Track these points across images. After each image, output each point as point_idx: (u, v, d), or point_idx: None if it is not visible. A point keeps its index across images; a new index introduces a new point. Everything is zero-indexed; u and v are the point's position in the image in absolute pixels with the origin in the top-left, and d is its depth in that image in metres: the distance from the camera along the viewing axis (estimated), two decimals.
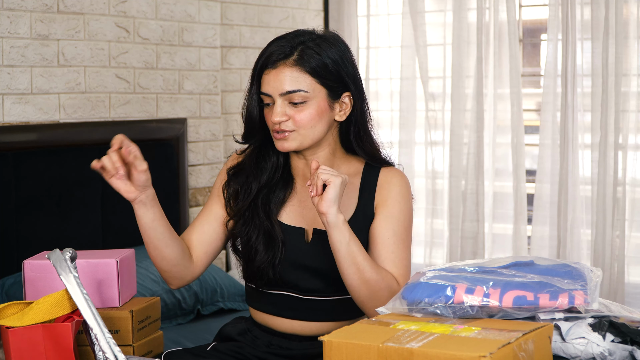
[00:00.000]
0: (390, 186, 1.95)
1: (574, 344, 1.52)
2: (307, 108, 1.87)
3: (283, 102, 1.86)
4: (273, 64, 1.87)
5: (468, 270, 1.62)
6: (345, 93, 1.92)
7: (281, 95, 1.86)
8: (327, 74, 1.88)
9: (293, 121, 1.87)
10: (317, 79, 1.87)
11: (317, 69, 1.87)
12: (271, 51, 1.88)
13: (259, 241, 1.92)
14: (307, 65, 1.86)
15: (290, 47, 1.87)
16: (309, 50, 1.87)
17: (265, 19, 3.95)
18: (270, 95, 1.88)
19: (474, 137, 3.81)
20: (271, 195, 1.96)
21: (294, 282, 1.93)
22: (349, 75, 1.91)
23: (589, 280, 1.56)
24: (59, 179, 3.05)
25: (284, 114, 1.86)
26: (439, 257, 4.04)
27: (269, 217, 1.93)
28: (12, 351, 1.52)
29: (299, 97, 1.86)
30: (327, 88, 1.89)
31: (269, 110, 1.90)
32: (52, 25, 3.08)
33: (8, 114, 2.97)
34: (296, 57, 1.86)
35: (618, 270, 3.53)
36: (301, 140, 1.89)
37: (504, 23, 3.75)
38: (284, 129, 1.87)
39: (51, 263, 1.56)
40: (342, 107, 1.92)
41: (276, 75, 1.86)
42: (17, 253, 2.88)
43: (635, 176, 3.55)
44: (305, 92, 1.86)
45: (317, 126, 1.89)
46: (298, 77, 1.86)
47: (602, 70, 3.52)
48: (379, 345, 1.35)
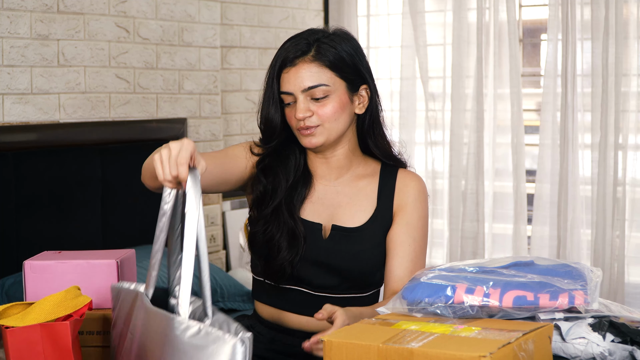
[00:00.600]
0: (409, 190, 1.98)
1: (574, 344, 1.52)
2: (329, 102, 1.90)
3: (305, 99, 1.89)
4: (291, 62, 1.89)
5: (468, 270, 1.62)
6: (363, 86, 1.95)
7: (303, 91, 1.89)
8: (345, 66, 1.91)
9: (317, 116, 1.89)
10: (336, 72, 1.90)
11: (336, 63, 1.90)
12: (288, 50, 1.91)
13: (282, 239, 1.92)
14: (325, 59, 1.89)
15: (307, 44, 1.90)
16: (325, 45, 1.90)
17: (265, 19, 3.95)
18: (291, 93, 1.90)
19: (474, 137, 3.81)
20: (293, 193, 1.97)
21: (308, 278, 1.94)
22: (365, 68, 1.96)
23: (589, 280, 1.56)
24: (59, 179, 3.05)
25: (307, 110, 1.89)
26: (439, 257, 4.04)
27: (293, 215, 1.94)
28: (10, 351, 1.52)
29: (320, 92, 1.89)
30: (346, 81, 1.92)
31: (291, 109, 1.92)
32: (52, 25, 3.08)
33: (8, 114, 2.97)
34: (314, 52, 1.89)
35: (618, 270, 3.53)
36: (327, 135, 1.91)
37: (504, 23, 3.75)
38: (308, 124, 1.89)
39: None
40: (360, 100, 1.96)
41: (296, 73, 1.89)
42: (17, 253, 2.88)
43: (635, 176, 3.55)
44: (326, 86, 1.89)
45: (340, 119, 1.91)
46: (318, 72, 1.89)
47: (602, 70, 3.52)
48: (379, 345, 1.35)
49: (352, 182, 2.00)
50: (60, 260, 1.85)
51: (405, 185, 1.99)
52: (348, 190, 1.99)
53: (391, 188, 1.98)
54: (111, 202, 3.20)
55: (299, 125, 1.90)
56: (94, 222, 3.15)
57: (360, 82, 1.95)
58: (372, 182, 1.99)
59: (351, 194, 1.99)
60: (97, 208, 3.16)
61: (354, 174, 2.00)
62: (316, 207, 1.98)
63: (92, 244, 3.10)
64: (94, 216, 3.15)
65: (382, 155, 2.00)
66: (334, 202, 1.98)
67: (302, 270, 1.93)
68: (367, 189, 1.98)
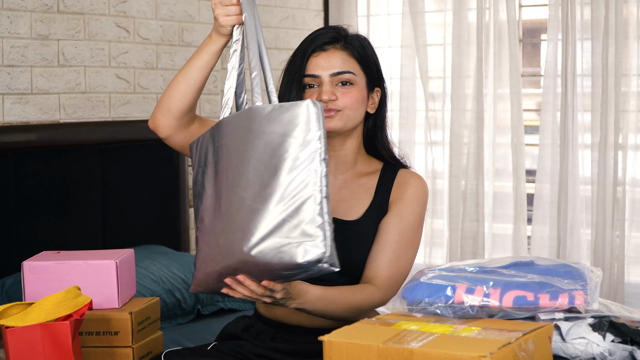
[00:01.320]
0: (407, 186, 2.00)
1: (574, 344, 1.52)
2: (353, 90, 1.96)
3: (331, 83, 1.95)
4: (322, 47, 1.96)
5: (468, 270, 1.62)
6: (377, 88, 2.03)
7: (332, 75, 1.94)
8: (369, 62, 1.99)
9: (340, 101, 1.94)
10: (362, 65, 1.98)
11: (363, 56, 1.98)
12: (318, 37, 1.97)
13: None
14: (354, 51, 1.97)
15: (337, 34, 1.98)
16: (355, 40, 1.99)
17: (265, 19, 3.95)
18: (318, 76, 1.95)
19: (474, 137, 3.81)
20: None
21: None
22: (381, 72, 2.04)
23: (589, 280, 1.56)
24: (59, 179, 3.05)
25: (333, 93, 1.94)
26: (439, 257, 4.04)
27: None
28: (10, 351, 1.52)
29: (347, 78, 1.95)
30: (367, 77, 2.00)
31: (312, 92, 1.96)
32: (52, 25, 3.08)
33: (8, 114, 2.97)
34: (344, 42, 1.97)
35: (618, 270, 3.53)
36: (345, 121, 1.95)
37: (504, 23, 3.75)
38: (331, 107, 1.94)
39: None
40: (372, 100, 2.03)
41: (327, 57, 1.95)
42: (17, 253, 2.88)
43: (635, 176, 3.55)
44: (353, 74, 1.96)
45: (359, 110, 1.98)
46: (348, 60, 1.96)
47: (602, 70, 3.52)
48: (379, 345, 1.35)
49: (354, 179, 2.02)
50: (59, 261, 1.85)
51: (405, 182, 2.01)
52: (350, 186, 2.01)
53: (390, 183, 2.00)
54: (111, 202, 3.20)
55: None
56: (94, 222, 3.15)
57: (377, 83, 2.02)
58: (372, 178, 2.02)
59: (352, 188, 2.01)
60: (97, 208, 3.16)
61: (356, 172, 2.03)
62: None
63: (92, 244, 3.10)
64: (94, 216, 3.15)
65: (388, 156, 2.05)
66: (335, 197, 2.00)
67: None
68: (367, 184, 2.01)
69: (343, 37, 1.98)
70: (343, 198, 2.00)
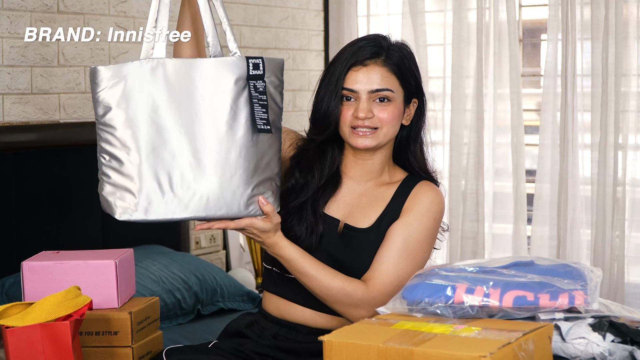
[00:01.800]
0: (421, 197, 1.99)
1: (574, 344, 1.52)
2: (390, 107, 1.94)
3: (369, 99, 1.93)
4: (362, 62, 1.93)
5: (468, 270, 1.62)
6: (414, 99, 2.00)
7: (370, 92, 1.92)
8: (408, 77, 1.97)
9: (377, 119, 1.93)
10: (400, 81, 1.95)
11: (403, 72, 1.95)
12: (360, 49, 1.94)
13: (301, 231, 1.95)
14: (394, 67, 1.94)
15: (378, 48, 1.94)
16: (395, 53, 1.95)
17: (265, 19, 3.95)
18: (356, 91, 1.93)
19: (474, 137, 3.81)
20: (321, 192, 2.00)
21: None
22: (419, 84, 2.01)
23: (589, 280, 1.56)
24: (59, 179, 3.05)
25: (369, 111, 1.92)
26: (439, 257, 4.04)
27: (315, 213, 1.96)
28: (10, 351, 1.52)
29: (385, 96, 1.93)
30: (405, 91, 1.97)
31: (349, 106, 1.94)
32: (52, 25, 3.08)
33: (8, 114, 2.97)
34: (385, 57, 1.94)
35: (618, 270, 3.53)
36: (381, 139, 1.95)
37: (504, 23, 3.75)
38: (368, 125, 1.93)
39: None
40: (408, 112, 2.01)
41: (367, 73, 1.93)
42: (17, 253, 2.88)
43: (635, 176, 3.55)
44: (391, 91, 1.93)
45: (395, 127, 1.97)
46: (387, 77, 1.94)
47: (602, 70, 3.52)
48: (379, 345, 1.35)
49: (376, 188, 2.02)
50: (59, 260, 1.85)
51: (421, 192, 2.00)
52: (370, 193, 2.02)
53: (406, 192, 2.00)
54: None
55: (355, 123, 1.93)
56: (93, 222, 3.15)
57: (414, 95, 2.00)
58: (391, 187, 2.01)
59: (371, 197, 2.01)
60: (97, 208, 3.14)
61: (380, 180, 2.03)
62: (337, 204, 2.00)
63: (92, 244, 3.10)
64: (94, 216, 3.15)
65: (419, 168, 2.04)
66: (354, 202, 2.00)
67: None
68: (384, 194, 2.00)
69: (385, 51, 1.94)
70: (360, 204, 2.00)
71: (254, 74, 1.74)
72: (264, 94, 1.74)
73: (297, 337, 1.98)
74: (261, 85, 1.74)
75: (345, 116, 1.94)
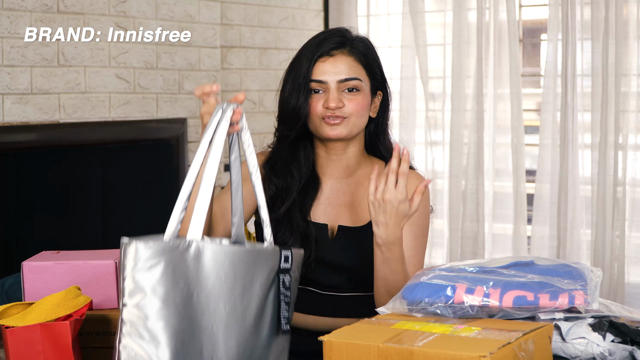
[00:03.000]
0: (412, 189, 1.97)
1: (574, 344, 1.52)
2: (359, 97, 1.93)
3: (338, 89, 1.92)
4: (329, 52, 1.92)
5: (468, 270, 1.62)
6: (379, 91, 2.00)
7: (339, 82, 1.91)
8: (373, 67, 1.96)
9: (346, 108, 1.92)
10: (367, 71, 1.95)
11: (369, 62, 1.95)
12: (324, 41, 1.93)
13: (296, 243, 1.92)
14: (361, 56, 1.94)
15: (343, 39, 1.94)
16: (360, 44, 1.95)
17: (265, 19, 3.95)
18: (324, 82, 1.92)
19: (474, 137, 3.81)
20: (305, 195, 1.98)
21: (316, 278, 1.94)
22: (383, 75, 2.01)
23: (589, 280, 1.56)
24: (59, 179, 3.05)
25: (340, 100, 1.91)
26: (439, 257, 4.04)
27: (305, 218, 1.95)
28: (10, 351, 1.52)
29: (354, 85, 1.92)
30: (372, 82, 1.97)
31: (318, 97, 1.93)
32: (52, 25, 3.08)
33: (8, 114, 2.97)
34: (350, 47, 1.94)
35: (618, 270, 3.53)
36: (351, 128, 1.93)
37: (504, 23, 3.75)
38: (338, 114, 1.91)
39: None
40: (374, 104, 2.00)
41: (334, 63, 1.92)
42: (17, 253, 2.88)
43: (635, 176, 3.55)
44: (360, 80, 1.93)
45: (364, 116, 1.95)
46: (355, 66, 1.93)
47: (602, 70, 3.52)
48: (379, 345, 1.35)
49: (359, 183, 2.01)
50: (59, 261, 1.85)
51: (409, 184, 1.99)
52: (354, 190, 2.00)
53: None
54: (111, 202, 3.20)
55: (326, 113, 1.91)
56: (94, 222, 3.15)
57: (379, 87, 1.99)
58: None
59: (357, 193, 2.00)
60: (97, 208, 3.16)
61: (360, 175, 2.01)
62: (323, 207, 1.99)
63: (92, 244, 3.10)
64: (94, 216, 3.15)
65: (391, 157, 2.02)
66: (340, 202, 1.99)
67: (311, 270, 1.94)
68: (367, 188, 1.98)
69: (349, 42, 1.94)
70: (347, 204, 1.99)
71: (284, 267, 1.59)
72: (288, 289, 1.59)
73: (298, 339, 1.97)
74: (287, 280, 1.59)
75: (315, 108, 1.92)
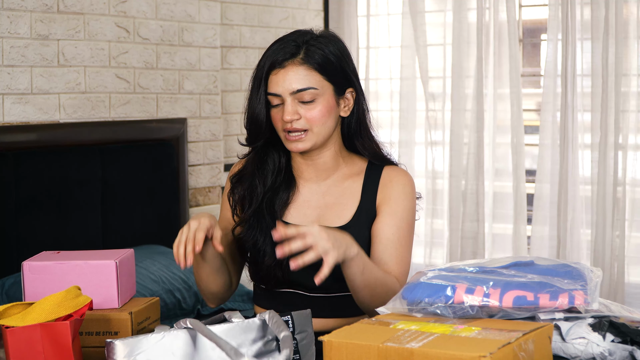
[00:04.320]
0: (393, 184, 1.97)
1: (574, 344, 1.52)
2: (317, 105, 1.89)
3: (293, 101, 1.88)
4: (280, 63, 1.89)
5: (468, 270, 1.62)
6: (349, 89, 1.95)
7: (292, 94, 1.88)
8: (332, 70, 1.91)
9: (305, 119, 1.89)
10: (324, 75, 1.90)
11: (324, 66, 1.90)
12: (277, 51, 1.90)
13: (266, 243, 1.92)
14: (314, 62, 1.89)
15: (296, 46, 1.90)
16: (313, 48, 1.90)
17: (265, 19, 3.95)
18: (279, 95, 1.89)
19: (474, 137, 3.81)
20: (275, 197, 1.97)
21: (301, 280, 1.94)
22: (351, 71, 1.95)
23: (589, 280, 1.56)
24: (59, 179, 3.05)
25: (295, 113, 1.88)
26: (439, 257, 4.04)
27: (274, 219, 1.94)
28: (10, 351, 1.52)
29: (309, 95, 1.88)
30: (333, 84, 1.92)
31: (277, 110, 1.91)
32: (52, 25, 3.08)
33: (8, 114, 2.97)
34: (303, 55, 1.89)
35: (618, 270, 3.53)
36: (315, 140, 1.91)
37: (504, 23, 3.75)
38: (296, 127, 1.89)
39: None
40: (345, 103, 1.96)
41: (285, 75, 1.88)
42: (17, 253, 2.88)
43: (635, 176, 3.55)
44: (315, 89, 1.88)
45: (327, 123, 1.91)
46: (307, 75, 1.88)
47: (602, 70, 3.52)
48: (379, 345, 1.35)
49: (339, 183, 2.00)
50: (59, 261, 1.85)
51: (390, 180, 1.98)
52: (334, 191, 1.99)
53: (375, 184, 1.97)
54: (111, 202, 3.20)
55: (285, 127, 1.90)
56: (94, 222, 3.15)
57: (347, 85, 1.95)
58: (357, 180, 1.99)
59: (337, 193, 1.99)
60: (97, 208, 3.16)
61: (340, 175, 2.00)
62: (302, 210, 1.98)
63: (92, 244, 3.10)
64: (94, 216, 3.15)
65: (370, 156, 2.00)
66: (320, 204, 1.98)
67: (294, 273, 1.93)
68: (352, 187, 1.98)
69: (303, 48, 1.89)
70: (328, 205, 1.98)
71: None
72: (296, 352, 1.58)
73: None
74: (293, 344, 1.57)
75: (276, 121, 1.91)
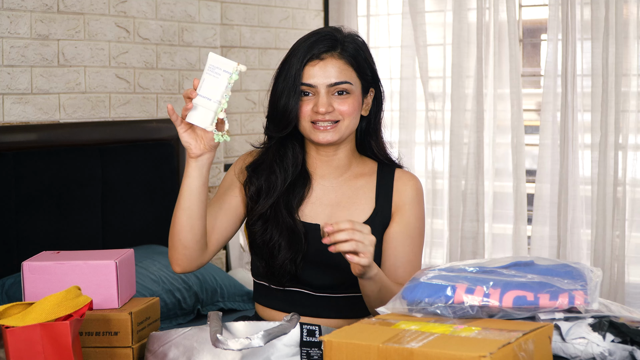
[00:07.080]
0: (407, 191, 2.00)
1: (574, 344, 1.52)
2: (349, 99, 1.92)
3: (328, 93, 1.91)
4: (319, 55, 1.91)
5: (468, 270, 1.62)
6: (371, 89, 1.99)
7: (329, 86, 1.90)
8: (365, 68, 1.95)
9: (338, 112, 1.91)
10: (358, 73, 1.94)
11: (359, 63, 1.94)
12: (315, 43, 1.92)
13: (282, 239, 1.92)
14: (351, 59, 1.93)
15: (333, 41, 1.93)
16: (350, 45, 1.94)
17: (265, 19, 3.95)
18: (314, 86, 1.91)
19: (474, 137, 3.81)
20: (291, 194, 1.97)
21: (309, 279, 1.94)
22: (375, 72, 2.00)
23: (589, 280, 1.56)
24: (59, 179, 3.05)
25: (329, 105, 1.90)
26: (439, 257, 4.04)
27: (292, 214, 1.94)
28: (10, 351, 1.52)
29: (344, 89, 1.91)
30: (362, 82, 1.96)
31: (308, 101, 1.92)
32: (52, 25, 3.08)
33: (8, 114, 2.97)
34: (340, 50, 1.92)
35: (618, 270, 3.53)
36: (343, 132, 1.93)
37: (504, 23, 3.75)
38: (328, 119, 1.91)
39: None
40: (367, 102, 1.99)
41: (323, 67, 1.90)
42: (17, 253, 2.88)
43: (635, 176, 3.55)
44: (350, 84, 1.92)
45: (356, 118, 1.95)
46: (345, 70, 1.92)
47: (602, 70, 3.52)
48: (379, 345, 1.35)
49: (351, 182, 2.00)
50: (59, 261, 1.85)
51: (404, 185, 2.00)
52: (346, 190, 1.99)
53: (389, 187, 1.99)
54: (111, 202, 3.20)
55: (315, 118, 1.91)
56: (93, 222, 3.15)
57: (372, 85, 1.98)
58: (369, 181, 2.00)
59: (349, 193, 1.99)
60: (97, 208, 3.16)
61: (352, 173, 2.01)
62: (315, 207, 1.98)
63: (92, 244, 3.10)
64: (94, 216, 3.15)
65: (383, 157, 2.03)
66: (332, 202, 1.98)
67: (306, 271, 1.93)
68: (365, 188, 1.99)
69: (340, 43, 1.92)
70: (341, 203, 1.98)
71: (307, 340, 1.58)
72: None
73: None
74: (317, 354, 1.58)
75: (305, 111, 1.91)
